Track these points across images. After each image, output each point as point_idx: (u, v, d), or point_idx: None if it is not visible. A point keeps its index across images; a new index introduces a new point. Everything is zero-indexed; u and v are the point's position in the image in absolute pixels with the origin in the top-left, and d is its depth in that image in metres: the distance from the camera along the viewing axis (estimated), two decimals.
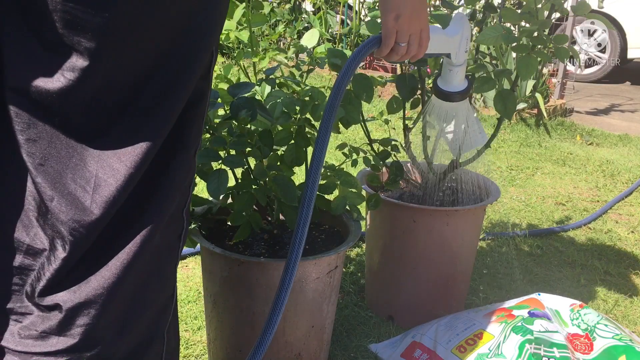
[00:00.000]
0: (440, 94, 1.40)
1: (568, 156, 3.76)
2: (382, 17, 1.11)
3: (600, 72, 6.16)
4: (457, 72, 1.37)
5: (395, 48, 1.14)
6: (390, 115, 1.78)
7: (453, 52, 1.32)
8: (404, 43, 1.14)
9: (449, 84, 1.38)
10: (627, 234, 2.64)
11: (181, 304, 1.90)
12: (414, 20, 1.11)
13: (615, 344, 1.52)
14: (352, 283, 2.08)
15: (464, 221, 1.75)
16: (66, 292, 0.83)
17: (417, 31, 1.14)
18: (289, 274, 1.07)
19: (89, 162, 0.80)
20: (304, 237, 1.08)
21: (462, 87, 1.40)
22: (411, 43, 1.15)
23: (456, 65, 1.35)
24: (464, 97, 1.41)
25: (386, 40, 1.13)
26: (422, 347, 1.59)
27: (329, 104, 1.11)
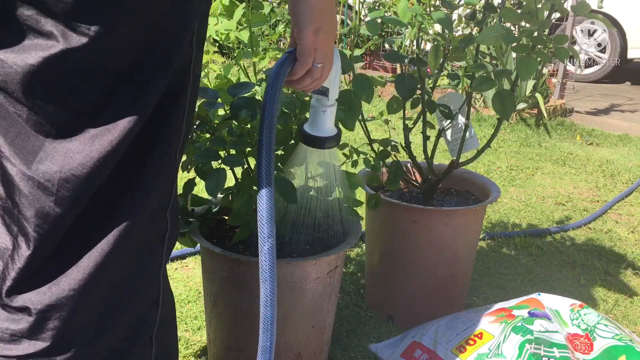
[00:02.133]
0: (313, 140, 1.21)
1: (568, 156, 3.76)
2: (298, 32, 0.96)
3: (600, 72, 6.16)
4: (330, 114, 1.20)
5: (311, 69, 1.00)
6: (390, 115, 1.78)
7: (330, 87, 1.17)
8: (321, 63, 1.00)
9: (320, 128, 1.21)
10: (627, 234, 2.64)
11: (181, 304, 1.90)
12: (331, 36, 0.99)
13: (615, 344, 1.52)
14: (352, 283, 2.08)
15: (464, 221, 1.75)
16: (34, 292, 0.80)
17: (331, 50, 1.02)
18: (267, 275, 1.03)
19: (55, 155, 0.76)
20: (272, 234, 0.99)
21: (335, 131, 1.23)
22: (325, 64, 1.01)
23: (330, 105, 1.19)
24: (335, 144, 1.24)
25: (304, 59, 0.98)
26: (422, 347, 1.59)
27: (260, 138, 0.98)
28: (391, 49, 5.07)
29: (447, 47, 1.70)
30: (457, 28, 1.91)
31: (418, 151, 1.97)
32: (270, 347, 1.03)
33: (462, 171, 1.97)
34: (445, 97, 1.85)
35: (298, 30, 0.96)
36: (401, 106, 1.74)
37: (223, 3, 1.50)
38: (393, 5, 1.72)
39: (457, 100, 1.84)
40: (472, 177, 1.99)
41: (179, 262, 2.17)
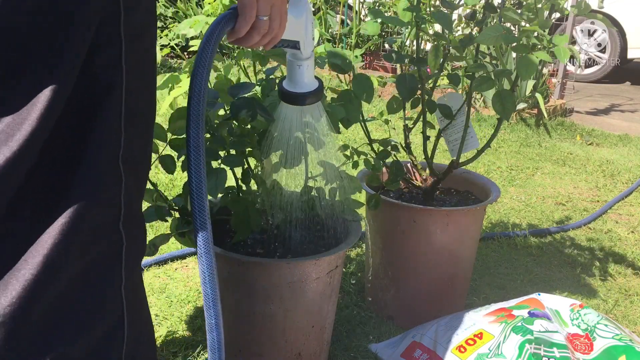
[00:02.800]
0: (292, 97, 1.16)
1: (568, 156, 3.76)
2: None
3: (600, 72, 6.16)
4: (307, 67, 1.13)
5: (256, 23, 0.91)
6: (390, 115, 1.78)
7: (301, 40, 1.10)
8: (266, 16, 0.91)
9: (298, 84, 1.15)
10: (627, 234, 2.64)
11: (181, 303, 1.90)
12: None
13: (615, 344, 1.52)
14: (352, 283, 2.08)
15: (464, 221, 1.75)
16: None
17: (280, 1, 0.92)
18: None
19: None
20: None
21: (315, 86, 1.16)
22: (274, 17, 0.93)
23: (305, 58, 1.13)
24: (318, 98, 1.18)
25: (245, 11, 0.89)
26: (422, 347, 1.59)
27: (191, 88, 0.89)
28: (391, 49, 5.07)
29: (447, 47, 1.70)
30: (457, 28, 1.91)
31: (418, 151, 1.97)
32: (217, 325, 0.98)
33: (462, 171, 1.97)
34: (445, 97, 1.85)
35: None
36: (401, 106, 1.74)
37: (223, 3, 1.50)
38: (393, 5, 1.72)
39: (457, 100, 1.84)
40: (472, 177, 1.99)
41: (179, 262, 2.17)
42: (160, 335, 1.74)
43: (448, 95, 1.86)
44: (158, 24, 5.05)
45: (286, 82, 1.17)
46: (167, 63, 5.19)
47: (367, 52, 5.66)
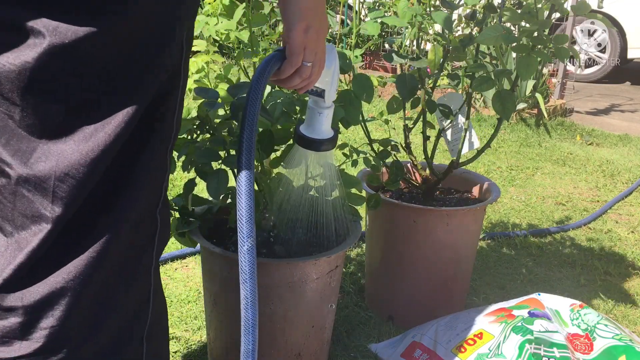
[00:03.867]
0: (309, 142, 1.19)
1: (568, 156, 3.76)
2: (287, 29, 0.95)
3: (600, 72, 6.16)
4: (326, 116, 1.18)
5: (300, 68, 0.98)
6: (390, 115, 1.78)
7: (327, 89, 1.15)
8: (310, 62, 0.99)
9: (316, 130, 1.18)
10: (627, 234, 2.64)
11: (181, 303, 1.90)
12: (321, 35, 0.98)
13: (615, 344, 1.52)
14: (352, 283, 2.08)
15: (464, 221, 1.75)
16: (25, 291, 0.79)
17: (322, 50, 1.00)
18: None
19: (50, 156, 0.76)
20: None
21: (332, 134, 1.20)
22: (315, 64, 1.00)
23: (327, 106, 1.18)
24: (333, 145, 1.22)
25: (293, 58, 0.97)
26: (422, 347, 1.59)
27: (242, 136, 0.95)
28: (391, 49, 5.07)
29: (447, 47, 1.70)
30: (457, 28, 1.91)
31: (418, 151, 1.97)
32: (253, 351, 1.04)
33: (462, 171, 1.97)
34: (445, 97, 1.86)
35: (287, 28, 0.95)
36: (401, 106, 1.74)
37: (223, 3, 1.50)
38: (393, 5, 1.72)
39: (457, 100, 1.84)
40: (472, 177, 1.99)
41: (179, 262, 2.17)
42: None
43: (448, 95, 1.86)
44: None
45: (304, 126, 1.20)
46: None
47: (367, 52, 5.66)
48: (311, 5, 0.95)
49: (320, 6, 0.97)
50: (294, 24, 0.94)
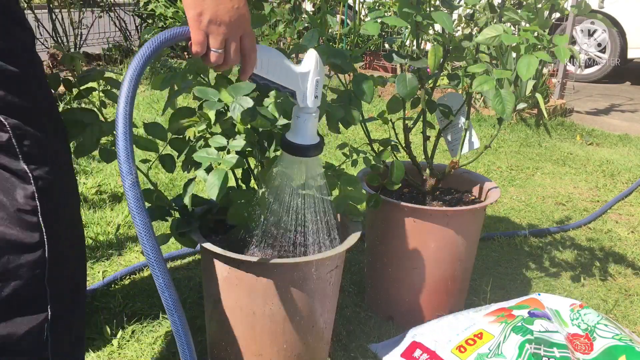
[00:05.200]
0: (289, 147, 1.20)
1: (568, 156, 3.76)
2: (189, 16, 1.00)
3: (600, 72, 6.16)
4: (306, 121, 1.18)
5: (208, 54, 1.03)
6: (390, 115, 1.78)
7: (299, 91, 1.15)
8: (220, 49, 1.03)
9: (298, 135, 1.19)
10: (627, 234, 2.64)
11: (181, 304, 1.90)
12: (226, 21, 1.01)
13: (615, 344, 1.52)
14: (352, 283, 2.08)
15: (464, 221, 1.75)
16: None
17: (237, 38, 1.03)
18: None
19: None
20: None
21: (314, 141, 1.20)
22: (228, 50, 1.04)
23: (305, 111, 1.17)
24: (315, 153, 1.21)
25: (194, 45, 1.02)
26: (422, 347, 1.59)
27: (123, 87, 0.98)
28: (391, 49, 5.07)
29: (447, 47, 1.70)
30: (457, 28, 1.91)
31: (418, 151, 1.97)
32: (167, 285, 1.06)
33: (462, 171, 1.97)
34: (445, 97, 1.86)
35: (185, 11, 1.00)
36: (401, 106, 1.74)
37: None
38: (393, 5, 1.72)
39: (457, 100, 1.84)
40: (472, 177, 1.99)
41: (179, 262, 2.17)
42: (160, 335, 1.74)
43: (448, 95, 1.86)
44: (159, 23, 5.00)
45: (289, 132, 1.21)
46: (167, 63, 5.19)
47: (367, 52, 5.66)
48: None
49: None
50: (187, 10, 0.99)
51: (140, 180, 1.02)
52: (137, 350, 1.67)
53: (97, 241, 2.25)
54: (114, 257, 2.17)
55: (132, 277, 2.05)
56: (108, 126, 1.32)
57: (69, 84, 1.33)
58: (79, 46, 5.50)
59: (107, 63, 5.19)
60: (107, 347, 1.67)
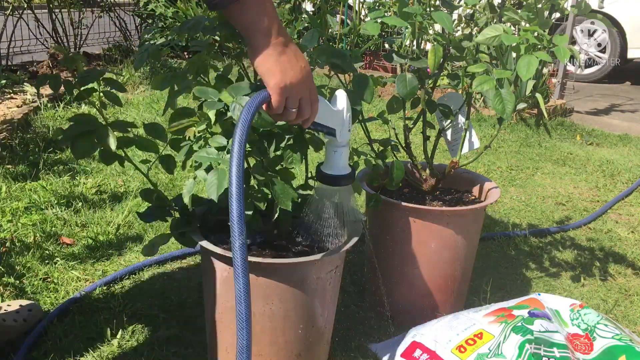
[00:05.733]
0: (326, 178, 1.32)
1: (568, 156, 3.76)
2: (268, 84, 1.10)
3: (600, 72, 6.16)
4: (342, 153, 1.31)
5: (285, 113, 1.14)
6: (390, 115, 1.78)
7: (338, 128, 1.29)
8: (294, 109, 1.13)
9: (334, 167, 1.32)
10: (627, 234, 2.64)
11: (181, 304, 1.90)
12: (299, 82, 1.11)
13: (615, 344, 1.52)
14: (352, 283, 2.08)
15: (464, 221, 1.75)
16: None
17: (307, 94, 1.14)
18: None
19: None
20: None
21: (348, 171, 1.33)
22: (303, 107, 1.14)
23: (341, 145, 1.31)
24: (349, 182, 1.34)
25: (274, 107, 1.12)
26: (422, 347, 1.59)
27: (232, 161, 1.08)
28: (391, 49, 5.07)
29: (447, 47, 1.70)
30: (457, 28, 1.91)
31: (418, 151, 1.97)
32: (248, 347, 1.06)
33: (462, 171, 1.97)
34: (445, 97, 1.86)
35: (264, 80, 1.10)
36: (401, 106, 1.73)
37: None
38: (393, 5, 1.72)
39: (457, 100, 1.84)
40: (472, 177, 1.99)
41: (179, 262, 2.18)
42: (160, 335, 1.74)
43: (448, 95, 1.86)
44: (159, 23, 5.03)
45: (323, 165, 1.32)
46: (167, 63, 5.19)
47: (367, 52, 5.66)
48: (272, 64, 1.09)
49: (287, 58, 1.10)
50: (266, 79, 1.09)
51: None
52: (137, 350, 1.67)
53: (97, 241, 2.25)
54: (114, 257, 2.17)
55: (132, 277, 2.05)
56: (105, 130, 1.32)
57: (69, 86, 1.32)
58: (79, 46, 5.50)
59: (107, 63, 5.19)
60: (107, 347, 1.67)
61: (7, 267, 2.00)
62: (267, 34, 1.08)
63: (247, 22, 1.07)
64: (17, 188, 2.65)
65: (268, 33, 1.08)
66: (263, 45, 1.08)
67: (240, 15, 1.07)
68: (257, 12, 1.07)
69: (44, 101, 3.93)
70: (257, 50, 1.09)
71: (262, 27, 1.07)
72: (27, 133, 3.34)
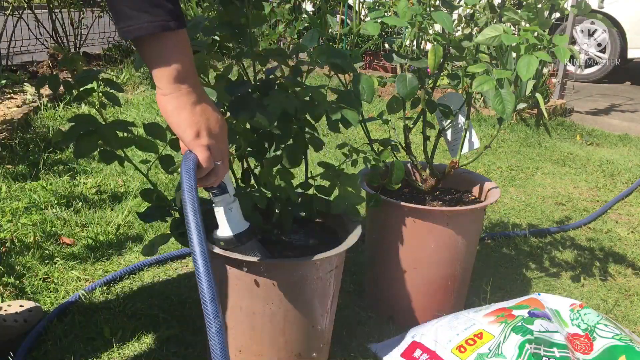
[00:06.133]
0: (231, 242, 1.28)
1: (568, 156, 3.76)
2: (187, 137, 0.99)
3: (600, 72, 6.16)
4: (237, 207, 1.25)
5: (214, 169, 1.04)
6: (390, 115, 1.78)
7: (227, 181, 1.22)
8: (220, 160, 1.05)
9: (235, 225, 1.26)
10: (627, 234, 2.64)
11: (181, 304, 1.90)
12: (217, 130, 1.02)
13: (615, 344, 1.52)
14: (352, 283, 2.08)
15: (464, 221, 1.75)
16: None
17: (224, 142, 1.05)
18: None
19: None
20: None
21: (246, 225, 1.28)
22: (225, 158, 1.06)
23: (234, 200, 1.24)
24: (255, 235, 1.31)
25: (204, 164, 1.01)
26: (422, 347, 1.59)
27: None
28: (391, 49, 5.06)
29: (447, 47, 1.70)
30: (457, 28, 1.91)
31: (418, 151, 1.97)
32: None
33: (462, 171, 1.97)
34: (445, 97, 1.86)
35: (184, 137, 1.00)
36: (401, 106, 1.73)
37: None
38: (393, 5, 1.72)
39: (457, 100, 1.84)
40: (472, 177, 1.99)
41: (179, 262, 2.17)
42: (160, 335, 1.74)
43: (448, 95, 1.86)
44: None
45: (219, 231, 1.26)
46: None
47: (367, 52, 5.66)
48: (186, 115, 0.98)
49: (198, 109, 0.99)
50: (183, 133, 0.99)
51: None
52: (137, 350, 1.67)
53: (97, 241, 2.25)
54: (114, 257, 2.17)
55: (132, 277, 2.05)
56: (109, 130, 1.32)
57: (68, 86, 1.32)
58: (79, 46, 5.51)
59: (107, 63, 5.19)
60: (107, 347, 1.67)
61: (7, 267, 2.00)
62: (184, 80, 0.97)
63: (162, 61, 0.94)
64: (17, 188, 2.65)
65: (184, 79, 0.97)
66: (176, 91, 0.97)
67: (157, 51, 0.94)
68: (177, 52, 0.95)
69: (44, 101, 3.93)
70: (171, 96, 0.97)
71: (180, 70, 0.96)
72: (27, 133, 3.34)
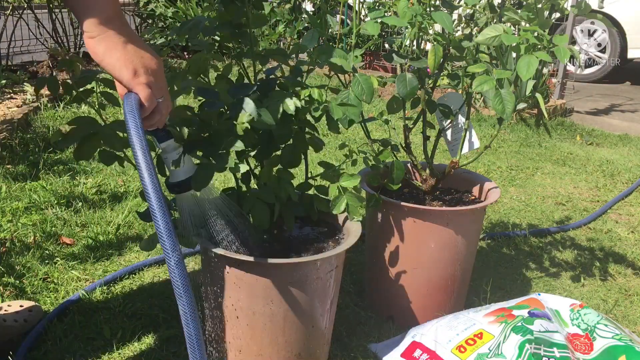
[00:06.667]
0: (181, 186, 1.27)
1: (568, 156, 3.76)
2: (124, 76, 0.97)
3: (600, 72, 6.16)
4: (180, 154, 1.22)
5: (158, 106, 1.02)
6: (390, 115, 1.78)
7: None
8: (162, 97, 1.03)
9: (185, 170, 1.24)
10: (627, 234, 2.64)
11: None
12: (154, 69, 1.01)
13: (615, 344, 1.52)
14: (352, 283, 2.08)
15: (464, 221, 1.75)
16: None
17: (163, 81, 1.04)
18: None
19: None
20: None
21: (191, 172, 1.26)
22: (165, 96, 1.04)
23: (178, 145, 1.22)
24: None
25: (147, 102, 0.99)
26: (422, 347, 1.59)
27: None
28: (391, 49, 5.07)
29: (447, 47, 1.70)
30: (457, 28, 1.91)
31: (418, 151, 1.97)
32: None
33: (462, 171, 1.97)
34: (445, 97, 1.86)
35: (121, 82, 0.98)
36: (401, 106, 1.73)
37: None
38: (393, 5, 1.72)
39: (457, 100, 1.84)
40: (472, 177, 1.99)
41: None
42: (160, 335, 1.74)
43: (448, 95, 1.86)
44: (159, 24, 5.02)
45: (171, 176, 1.25)
46: (167, 63, 5.19)
47: (367, 52, 5.66)
48: (119, 55, 0.96)
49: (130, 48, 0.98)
50: (119, 73, 0.97)
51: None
52: (137, 350, 1.67)
53: (97, 241, 2.25)
54: (114, 257, 2.17)
55: (132, 277, 2.05)
56: (110, 131, 1.32)
57: (67, 87, 1.32)
58: (79, 46, 5.50)
59: None
60: (107, 347, 1.67)
61: (7, 267, 2.00)
62: (109, 22, 0.96)
63: (88, 6, 0.94)
64: (17, 188, 2.65)
65: (110, 21, 0.96)
66: (103, 32, 0.96)
67: None
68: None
69: (44, 101, 3.93)
70: (99, 38, 0.96)
71: (107, 14, 0.95)
72: (27, 133, 3.34)
